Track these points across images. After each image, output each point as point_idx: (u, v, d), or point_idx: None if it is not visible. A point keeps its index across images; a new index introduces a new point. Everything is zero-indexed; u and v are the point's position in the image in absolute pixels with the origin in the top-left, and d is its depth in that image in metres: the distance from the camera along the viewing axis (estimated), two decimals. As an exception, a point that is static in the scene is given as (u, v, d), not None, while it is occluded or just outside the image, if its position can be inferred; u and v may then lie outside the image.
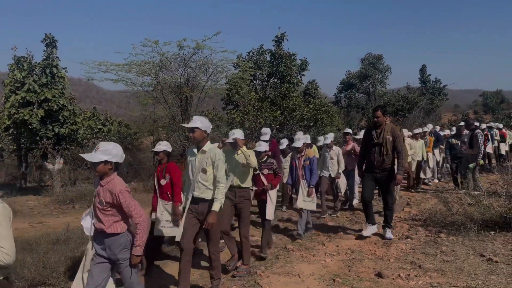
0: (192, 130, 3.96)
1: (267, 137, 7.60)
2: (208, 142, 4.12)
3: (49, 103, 12.67)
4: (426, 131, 11.34)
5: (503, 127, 14.85)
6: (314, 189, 6.30)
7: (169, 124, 13.44)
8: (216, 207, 3.92)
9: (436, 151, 11.70)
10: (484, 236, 5.82)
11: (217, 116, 17.09)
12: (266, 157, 5.58)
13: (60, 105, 12.88)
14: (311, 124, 15.80)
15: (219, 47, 16.76)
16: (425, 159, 10.64)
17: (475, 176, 9.54)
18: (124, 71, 11.94)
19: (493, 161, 14.28)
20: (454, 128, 12.40)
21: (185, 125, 4.11)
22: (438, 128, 13.48)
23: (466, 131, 9.70)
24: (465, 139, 9.46)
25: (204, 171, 4.02)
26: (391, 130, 5.90)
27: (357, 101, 33.32)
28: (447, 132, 13.50)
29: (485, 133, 13.27)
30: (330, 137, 8.22)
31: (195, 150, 4.12)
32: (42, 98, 12.56)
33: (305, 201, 6.24)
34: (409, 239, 6.01)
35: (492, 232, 5.91)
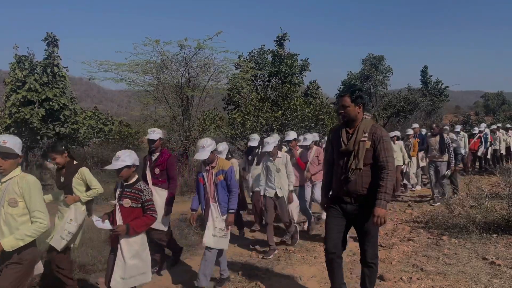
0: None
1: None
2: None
3: (50, 102, 12.66)
4: (410, 134, 10.65)
5: (491, 132, 14.37)
6: (234, 217, 4.38)
7: (170, 124, 13.43)
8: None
9: (421, 155, 10.79)
10: (487, 239, 5.78)
11: (218, 116, 17.07)
12: (134, 179, 3.61)
13: (61, 104, 12.87)
14: (312, 124, 15.77)
15: (221, 47, 16.80)
16: (406, 163, 9.96)
17: (456, 182, 9.24)
18: (125, 70, 11.97)
19: (485, 163, 14.12)
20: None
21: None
22: (424, 130, 12.46)
23: (433, 138, 8.91)
24: (435, 146, 8.77)
25: None
26: (370, 130, 3.44)
27: (358, 102, 33.23)
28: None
29: (478, 135, 13.20)
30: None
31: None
32: (43, 97, 12.56)
33: (216, 235, 4.27)
34: (411, 242, 5.98)
35: (495, 235, 5.88)
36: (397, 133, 10.31)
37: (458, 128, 13.48)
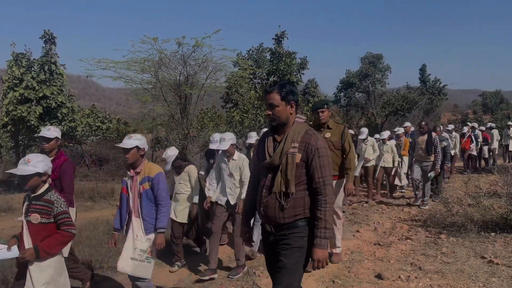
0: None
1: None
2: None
3: (48, 100, 12.63)
4: (400, 133, 10.12)
5: (485, 130, 14.36)
6: (163, 238, 3.55)
7: (168, 122, 13.40)
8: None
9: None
10: (485, 237, 5.78)
11: (216, 115, 17.04)
12: (43, 189, 2.97)
13: (58, 102, 12.84)
14: (311, 123, 15.75)
15: (219, 45, 16.75)
16: (396, 165, 9.45)
17: (440, 187, 8.97)
18: (123, 68, 11.91)
19: (482, 163, 14.09)
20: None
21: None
22: (412, 128, 11.69)
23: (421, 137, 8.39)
24: (422, 146, 8.28)
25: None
26: (302, 138, 2.59)
27: (357, 100, 33.28)
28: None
29: (468, 134, 13.00)
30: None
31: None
32: (40, 95, 12.52)
33: (135, 259, 3.45)
34: (409, 240, 5.97)
35: (493, 234, 5.87)
36: (387, 133, 9.91)
37: (450, 127, 13.40)
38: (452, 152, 11.78)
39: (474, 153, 13.13)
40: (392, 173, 9.55)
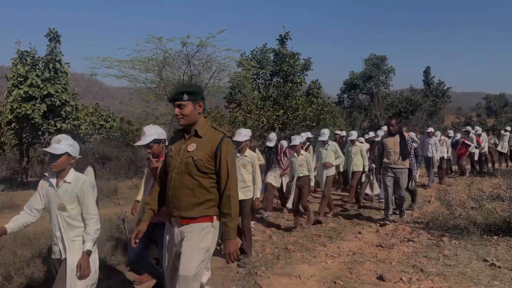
0: None
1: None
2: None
3: (52, 98, 12.68)
4: (378, 139, 8.55)
5: (481, 133, 13.97)
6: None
7: (171, 122, 13.43)
8: None
9: None
10: (487, 240, 5.76)
11: (220, 115, 17.06)
12: None
13: (62, 100, 12.89)
14: (314, 124, 15.76)
15: (223, 45, 16.78)
16: (366, 168, 8.45)
17: (415, 189, 8.13)
18: (127, 67, 11.97)
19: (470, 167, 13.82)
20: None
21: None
22: (413, 134, 10.67)
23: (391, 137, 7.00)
24: (394, 149, 6.89)
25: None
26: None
27: (360, 102, 33.27)
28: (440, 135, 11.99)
29: (461, 140, 12.47)
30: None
31: None
32: (44, 93, 12.57)
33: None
34: (411, 242, 5.96)
35: (495, 237, 5.86)
36: (354, 134, 8.71)
37: (430, 129, 12.75)
38: (445, 155, 11.64)
39: (474, 151, 12.83)
40: (363, 179, 8.58)
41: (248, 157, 5.32)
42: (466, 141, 12.53)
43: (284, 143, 8.43)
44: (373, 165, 8.39)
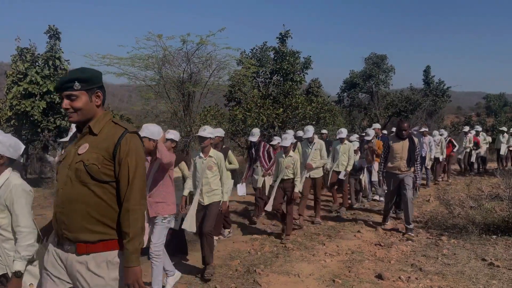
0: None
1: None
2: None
3: (51, 95, 12.66)
4: (369, 139, 8.58)
5: (480, 133, 13.86)
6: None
7: (171, 119, 13.41)
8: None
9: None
10: (486, 240, 5.77)
11: (219, 113, 17.05)
12: None
13: (62, 98, 12.87)
14: (314, 122, 15.75)
15: (223, 44, 16.75)
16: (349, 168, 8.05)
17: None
18: (127, 64, 11.92)
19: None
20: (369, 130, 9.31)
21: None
22: (385, 131, 10.38)
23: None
24: (402, 155, 6.41)
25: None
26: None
27: (360, 101, 33.25)
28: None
29: (448, 139, 12.10)
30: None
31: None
32: (44, 90, 12.56)
33: None
34: (410, 241, 5.97)
35: (494, 236, 5.87)
36: (344, 131, 8.23)
37: (424, 128, 12.59)
38: (441, 157, 11.59)
39: (460, 156, 12.58)
40: (341, 176, 8.06)
41: (214, 157, 4.72)
42: (453, 140, 12.36)
43: (278, 139, 7.86)
44: (364, 165, 8.29)
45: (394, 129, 8.23)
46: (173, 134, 4.47)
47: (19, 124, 14.06)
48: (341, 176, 7.96)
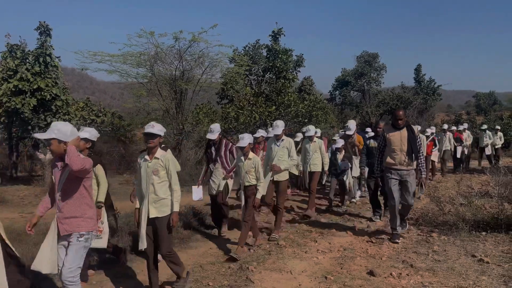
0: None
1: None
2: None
3: (42, 92, 12.52)
4: (351, 133, 8.16)
5: (463, 130, 13.89)
6: None
7: (163, 117, 13.37)
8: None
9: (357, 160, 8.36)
10: (476, 236, 5.84)
11: (212, 110, 17.03)
12: None
13: (53, 95, 12.73)
14: (306, 120, 15.81)
15: (215, 41, 16.72)
16: (326, 168, 7.78)
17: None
18: (118, 62, 11.90)
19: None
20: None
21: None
22: (369, 129, 9.98)
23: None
24: (401, 146, 5.68)
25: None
26: None
27: (352, 99, 33.44)
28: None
29: (431, 137, 11.76)
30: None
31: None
32: (34, 87, 12.41)
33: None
34: (401, 238, 6.02)
35: (484, 233, 5.94)
36: (312, 129, 7.83)
37: (445, 126, 12.54)
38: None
39: (435, 159, 12.18)
40: (324, 179, 7.87)
41: (160, 159, 4.01)
42: (436, 139, 12.07)
43: (262, 132, 7.44)
44: (350, 165, 8.09)
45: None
46: (88, 133, 4.06)
47: (9, 121, 13.89)
48: (324, 181, 7.82)
